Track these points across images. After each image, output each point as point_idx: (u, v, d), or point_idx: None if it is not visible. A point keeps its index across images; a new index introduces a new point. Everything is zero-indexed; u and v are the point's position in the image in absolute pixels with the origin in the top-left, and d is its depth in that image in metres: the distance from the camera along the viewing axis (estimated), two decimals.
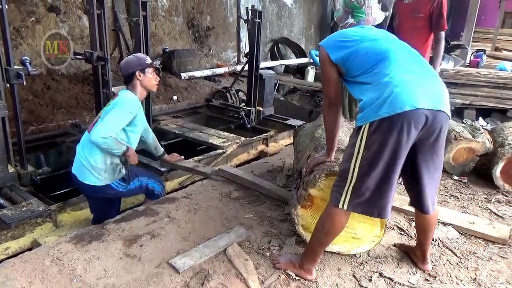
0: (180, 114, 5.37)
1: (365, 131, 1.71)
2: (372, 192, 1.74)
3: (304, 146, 2.85)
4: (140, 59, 2.70)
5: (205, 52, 7.89)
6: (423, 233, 2.07)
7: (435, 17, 3.34)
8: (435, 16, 3.34)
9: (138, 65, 2.65)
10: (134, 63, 2.67)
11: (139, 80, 2.67)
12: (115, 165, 2.61)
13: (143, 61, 2.68)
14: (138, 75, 2.65)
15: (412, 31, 3.42)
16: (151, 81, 2.72)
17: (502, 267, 2.20)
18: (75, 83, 5.23)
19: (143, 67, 2.65)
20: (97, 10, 3.09)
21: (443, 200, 3.02)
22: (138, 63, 2.66)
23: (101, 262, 2.05)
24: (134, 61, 2.68)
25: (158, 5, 6.77)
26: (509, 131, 3.78)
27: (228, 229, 2.41)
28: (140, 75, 2.66)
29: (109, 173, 2.58)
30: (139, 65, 2.65)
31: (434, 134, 1.72)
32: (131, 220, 2.48)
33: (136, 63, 2.66)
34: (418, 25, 3.40)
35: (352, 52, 1.84)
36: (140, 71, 2.65)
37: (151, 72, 2.70)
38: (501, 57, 8.63)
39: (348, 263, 2.15)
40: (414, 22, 3.41)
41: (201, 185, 3.09)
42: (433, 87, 1.73)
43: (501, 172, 3.23)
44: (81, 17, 5.53)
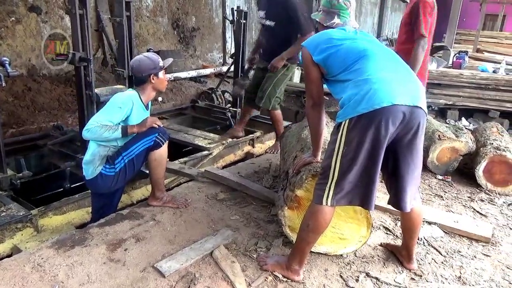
0: (165, 116, 5.31)
1: (345, 128, 1.74)
2: (354, 186, 1.78)
3: (291, 147, 2.85)
4: (154, 61, 2.54)
5: (191, 53, 7.85)
6: (408, 232, 2.09)
7: (413, 22, 3.14)
8: (413, 21, 3.14)
9: (153, 69, 2.53)
10: (148, 66, 2.52)
11: (152, 83, 2.56)
12: (104, 156, 2.54)
13: (157, 63, 2.54)
14: (152, 79, 2.54)
15: (400, 37, 3.39)
16: (163, 83, 2.63)
17: (486, 265, 2.23)
18: (57, 84, 5.13)
19: (157, 70, 2.54)
20: (79, 10, 3.02)
21: (428, 200, 3.05)
22: (152, 66, 2.53)
23: (84, 268, 2.00)
24: (149, 64, 2.53)
25: (142, 5, 6.70)
26: (491, 131, 3.85)
27: (214, 231, 2.38)
28: (153, 78, 2.54)
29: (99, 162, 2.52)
30: (153, 69, 2.53)
31: (412, 130, 1.76)
32: (115, 224, 2.43)
33: (150, 66, 2.52)
34: (404, 30, 3.30)
35: (333, 52, 1.89)
36: (154, 75, 2.54)
37: (163, 72, 2.60)
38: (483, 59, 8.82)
39: (335, 263, 2.15)
40: (402, 27, 3.34)
41: (187, 187, 3.06)
42: (410, 84, 1.79)
43: (484, 171, 3.28)
44: (63, 17, 5.43)
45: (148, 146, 2.53)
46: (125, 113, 2.47)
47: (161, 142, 2.55)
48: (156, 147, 2.55)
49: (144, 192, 3.35)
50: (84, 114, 3.25)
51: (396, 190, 1.93)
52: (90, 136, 2.41)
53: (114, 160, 2.52)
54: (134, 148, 2.52)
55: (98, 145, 2.50)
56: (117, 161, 2.52)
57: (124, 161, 2.53)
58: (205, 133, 4.51)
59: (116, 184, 2.59)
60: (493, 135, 3.74)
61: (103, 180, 2.54)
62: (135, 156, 2.54)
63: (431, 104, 5.95)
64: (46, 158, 3.95)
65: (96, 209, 2.76)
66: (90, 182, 2.59)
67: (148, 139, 2.53)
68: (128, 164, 2.54)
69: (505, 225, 2.72)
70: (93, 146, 2.51)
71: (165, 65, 2.59)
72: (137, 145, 2.53)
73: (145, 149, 2.54)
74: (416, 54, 3.09)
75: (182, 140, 4.31)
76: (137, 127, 2.50)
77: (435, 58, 6.83)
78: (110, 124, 2.41)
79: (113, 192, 2.72)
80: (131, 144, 2.53)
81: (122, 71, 3.36)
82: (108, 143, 2.50)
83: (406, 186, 1.89)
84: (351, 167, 1.74)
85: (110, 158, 2.53)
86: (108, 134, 2.39)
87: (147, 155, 2.57)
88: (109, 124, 2.40)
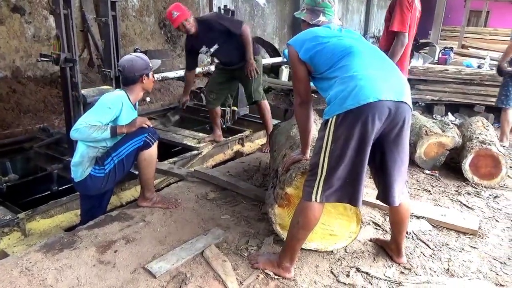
0: (153, 116, 5.27)
1: (332, 124, 1.76)
2: (342, 182, 1.79)
3: (280, 145, 2.85)
4: (146, 62, 2.55)
5: (178, 53, 7.80)
6: (397, 226, 2.12)
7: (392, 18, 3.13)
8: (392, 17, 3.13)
9: (145, 69, 2.53)
10: (141, 66, 2.52)
11: (143, 84, 2.56)
12: (93, 157, 2.51)
13: (148, 64, 2.56)
14: (143, 79, 2.54)
15: (383, 34, 3.41)
16: (151, 83, 2.63)
17: (473, 257, 2.27)
18: (43, 86, 5.06)
19: (149, 71, 2.55)
20: (63, 10, 2.98)
21: (416, 194, 3.09)
22: (145, 67, 2.53)
23: (73, 271, 1.98)
24: (142, 64, 2.53)
25: (128, 5, 6.64)
26: (477, 126, 3.91)
27: (205, 230, 2.38)
28: (145, 78, 2.54)
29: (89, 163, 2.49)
30: (145, 69, 2.53)
31: (398, 125, 1.78)
32: (104, 226, 2.41)
33: (143, 66, 2.53)
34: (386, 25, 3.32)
35: (319, 50, 1.90)
36: (146, 75, 2.54)
37: (152, 73, 2.61)
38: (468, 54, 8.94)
39: (325, 259, 2.17)
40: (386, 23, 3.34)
41: (177, 187, 3.04)
42: (395, 80, 1.81)
43: (470, 165, 3.33)
44: (47, 18, 5.35)
45: (137, 146, 2.51)
46: (114, 113, 2.44)
47: (151, 142, 2.53)
48: (146, 147, 2.53)
49: (133, 193, 3.33)
50: (71, 115, 3.21)
51: (384, 185, 1.95)
52: (79, 136, 2.38)
53: (103, 161, 2.49)
54: (123, 149, 2.50)
55: (87, 146, 2.47)
56: (107, 162, 2.49)
57: (113, 161, 2.50)
58: (194, 132, 4.50)
59: (106, 185, 2.57)
60: (479, 129, 3.80)
61: (92, 181, 2.51)
62: (125, 156, 2.51)
63: (417, 100, 6.02)
64: (32, 160, 3.89)
65: (85, 211, 2.73)
66: (79, 184, 2.55)
67: (138, 139, 2.50)
68: (118, 164, 2.52)
69: (491, 217, 2.77)
70: (82, 147, 2.48)
71: (154, 66, 2.59)
72: (127, 146, 2.50)
73: (135, 150, 2.51)
74: (394, 49, 3.12)
75: (171, 140, 4.29)
76: (126, 128, 2.48)
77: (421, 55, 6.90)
78: (99, 124, 2.39)
79: (102, 194, 2.69)
80: (121, 144, 2.50)
81: (109, 71, 3.33)
82: (97, 144, 2.47)
83: (393, 181, 1.91)
84: (339, 163, 1.75)
85: (99, 159, 2.50)
86: (97, 134, 2.37)
87: (137, 155, 2.55)
88: (98, 125, 2.38)
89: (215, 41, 3.66)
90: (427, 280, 2.04)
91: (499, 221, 2.71)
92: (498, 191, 3.23)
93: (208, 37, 3.63)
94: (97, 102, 2.48)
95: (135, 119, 2.55)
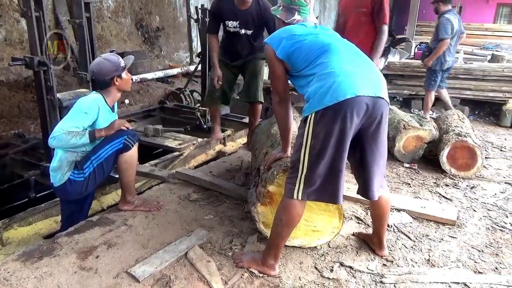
0: (133, 118, 5.20)
1: (311, 121, 1.77)
2: (323, 180, 1.81)
3: (261, 143, 2.85)
4: (115, 63, 2.45)
5: (156, 53, 7.72)
6: (378, 220, 2.15)
7: (376, 11, 3.32)
8: (376, 10, 3.31)
9: (115, 71, 2.44)
10: (109, 69, 2.43)
11: (117, 85, 2.49)
12: (72, 162, 2.46)
13: (118, 65, 2.45)
14: (115, 81, 2.45)
15: (356, 28, 3.46)
16: (128, 82, 2.55)
17: (453, 247, 2.33)
18: (16, 90, 4.93)
19: (119, 72, 2.45)
20: (35, 12, 2.91)
21: (396, 188, 3.14)
22: (114, 69, 2.43)
23: (54, 279, 1.93)
24: (110, 67, 2.43)
25: (103, 6, 6.52)
26: (453, 118, 4.01)
27: (188, 232, 2.36)
28: (117, 80, 2.46)
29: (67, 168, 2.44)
30: (115, 71, 2.44)
31: (376, 120, 1.81)
32: (85, 231, 2.36)
33: (112, 68, 2.43)
34: (362, 21, 3.41)
35: (296, 48, 1.91)
36: (117, 77, 2.45)
37: (126, 72, 2.51)
38: None
39: (309, 255, 2.18)
40: (358, 17, 3.43)
41: (159, 189, 3.01)
42: (372, 76, 1.84)
43: (447, 157, 3.41)
44: (19, 20, 5.21)
45: (117, 149, 2.47)
46: (91, 118, 2.39)
47: (130, 144, 2.49)
48: (126, 150, 2.49)
49: (114, 197, 3.28)
50: (47, 120, 3.14)
51: (364, 180, 1.98)
52: (57, 144, 2.33)
53: (82, 165, 2.44)
54: (102, 152, 2.45)
55: (65, 151, 2.42)
56: (86, 166, 2.45)
57: (93, 165, 2.46)
58: (175, 134, 4.45)
59: (86, 189, 2.52)
60: (455, 122, 3.90)
61: (72, 186, 2.46)
62: (104, 160, 2.47)
63: (395, 95, 6.12)
64: (8, 167, 3.79)
65: (66, 217, 2.67)
66: (58, 189, 2.50)
67: (117, 142, 2.46)
68: (98, 168, 2.47)
69: (469, 207, 2.84)
70: (60, 152, 2.43)
71: (126, 64, 2.52)
72: (106, 149, 2.45)
73: (114, 152, 2.47)
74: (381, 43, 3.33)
75: (152, 142, 4.24)
76: (104, 131, 2.44)
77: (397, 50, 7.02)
78: (77, 130, 2.34)
79: (83, 199, 2.64)
80: (100, 147, 2.46)
81: (85, 74, 3.27)
82: (76, 149, 2.42)
83: (373, 175, 1.94)
84: (319, 159, 1.77)
85: (79, 163, 2.45)
86: (75, 140, 2.32)
87: (116, 158, 2.51)
88: (75, 130, 2.33)
89: (250, 26, 3.51)
90: (409, 271, 2.08)
91: (476, 211, 2.79)
92: (475, 181, 3.32)
93: (249, 20, 3.48)
94: (73, 107, 2.43)
95: (113, 121, 2.51)
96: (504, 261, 2.21)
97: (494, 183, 3.31)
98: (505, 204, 2.92)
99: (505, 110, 5.38)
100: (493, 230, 2.54)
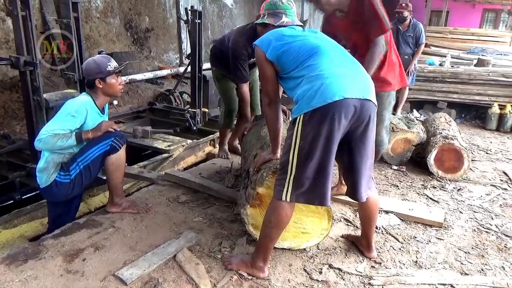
0: (122, 119, 5.15)
1: (300, 122, 1.78)
2: (312, 182, 1.81)
3: (251, 145, 2.85)
4: (100, 65, 2.41)
5: (146, 55, 7.67)
6: (366, 221, 2.17)
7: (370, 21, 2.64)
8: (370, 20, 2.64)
9: (98, 73, 2.41)
10: (92, 70, 2.41)
11: (100, 88, 2.45)
12: (58, 163, 2.42)
13: (103, 68, 2.41)
14: (98, 83, 2.42)
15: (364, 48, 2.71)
16: (114, 88, 2.49)
17: (440, 248, 2.35)
18: (2, 90, 4.84)
19: (103, 75, 2.41)
20: (21, 11, 2.86)
21: (384, 190, 3.17)
22: (97, 71, 2.40)
23: (39, 282, 1.90)
24: (93, 69, 2.41)
25: (91, 6, 6.46)
26: (440, 121, 4.07)
27: (177, 234, 2.34)
28: (100, 83, 2.42)
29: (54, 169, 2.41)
30: (98, 73, 2.41)
31: (364, 122, 1.83)
32: (72, 234, 2.32)
33: (95, 70, 2.41)
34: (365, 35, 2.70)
35: (285, 49, 1.92)
36: (100, 79, 2.42)
37: (114, 77, 2.47)
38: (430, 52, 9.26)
39: (298, 258, 2.18)
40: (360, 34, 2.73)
41: (147, 191, 2.98)
42: (360, 79, 1.86)
43: (435, 160, 3.46)
44: (5, 20, 5.12)
45: (104, 151, 2.44)
46: (79, 121, 2.36)
47: (117, 146, 2.46)
48: (113, 152, 2.46)
49: (102, 199, 3.24)
50: (33, 121, 3.08)
51: (352, 182, 2.00)
52: (43, 146, 2.30)
53: (69, 167, 2.41)
54: (89, 154, 2.42)
55: (52, 152, 2.38)
56: (72, 168, 2.42)
57: (79, 167, 2.42)
58: (164, 135, 4.42)
59: (72, 191, 2.48)
60: (442, 125, 3.96)
61: (58, 188, 2.42)
62: (91, 162, 2.44)
63: None
64: None
65: (52, 219, 2.63)
66: (44, 191, 2.46)
67: (104, 144, 2.43)
68: (84, 170, 2.44)
69: (456, 209, 2.88)
70: (47, 153, 2.39)
71: (115, 70, 2.46)
72: (93, 150, 2.42)
73: (101, 154, 2.44)
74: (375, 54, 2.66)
75: (140, 144, 4.21)
76: (91, 133, 2.41)
77: None
78: (64, 132, 2.31)
79: (70, 200, 2.60)
80: (87, 149, 2.42)
81: (72, 74, 3.23)
82: (63, 150, 2.39)
83: (361, 177, 1.96)
84: (307, 160, 1.78)
85: (65, 165, 2.41)
86: (62, 142, 2.29)
87: (103, 160, 2.48)
88: (62, 132, 2.30)
89: None
90: (397, 272, 2.09)
91: (462, 213, 2.83)
92: (462, 183, 3.36)
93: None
94: (61, 109, 2.38)
95: (100, 123, 2.47)
96: (489, 262, 2.24)
97: (480, 185, 3.36)
98: (490, 206, 2.96)
99: (490, 114, 5.49)
100: (479, 232, 2.57)
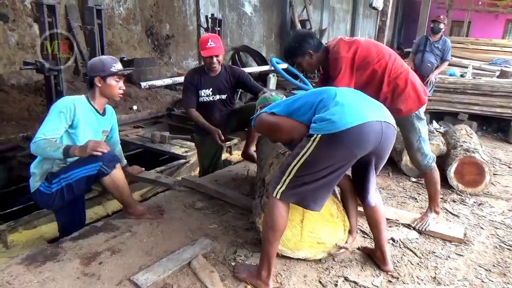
0: (141, 124, 5.24)
1: (316, 141, 1.79)
2: (308, 188, 1.83)
3: (266, 154, 2.85)
4: (105, 64, 2.38)
5: (165, 61, 7.79)
6: (376, 227, 2.17)
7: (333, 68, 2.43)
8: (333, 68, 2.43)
9: (101, 71, 2.37)
10: (97, 67, 2.38)
11: (98, 87, 2.40)
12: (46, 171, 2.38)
13: (107, 67, 2.37)
14: (97, 82, 2.38)
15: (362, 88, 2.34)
16: (113, 90, 2.44)
17: (459, 265, 2.29)
18: (26, 94, 4.99)
19: (105, 74, 2.37)
20: (48, 18, 2.96)
21: (402, 202, 3.11)
22: (101, 69, 2.37)
23: (57, 284, 1.93)
24: (97, 66, 2.38)
25: (114, 13, 6.61)
26: (461, 134, 3.98)
27: (192, 241, 2.35)
28: (100, 81, 2.38)
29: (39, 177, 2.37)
30: (101, 71, 2.37)
31: (385, 144, 1.87)
32: (89, 237, 2.36)
33: (99, 68, 2.37)
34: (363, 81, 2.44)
35: (295, 100, 2.00)
36: (101, 78, 2.37)
37: (115, 79, 2.42)
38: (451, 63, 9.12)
39: (314, 269, 2.16)
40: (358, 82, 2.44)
41: (164, 196, 3.01)
42: (375, 106, 1.92)
43: (455, 173, 3.38)
44: (31, 25, 5.28)
45: (89, 175, 2.33)
46: (69, 117, 2.30)
47: (105, 171, 2.34)
48: (101, 176, 2.36)
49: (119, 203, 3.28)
50: None
51: (362, 189, 2.07)
52: (37, 150, 2.25)
53: (51, 180, 2.33)
54: (73, 173, 2.32)
55: (42, 158, 2.34)
56: (54, 182, 2.33)
57: (61, 184, 2.33)
58: (181, 141, 4.47)
59: (53, 203, 2.40)
60: (463, 137, 3.87)
61: (41, 196, 2.38)
62: (74, 182, 2.33)
63: None
64: (15, 170, 3.81)
65: (61, 225, 2.59)
66: (33, 195, 2.42)
67: (90, 167, 2.31)
68: (66, 188, 2.35)
69: (476, 224, 2.81)
70: (39, 157, 2.36)
71: (118, 72, 2.42)
72: (78, 171, 2.32)
73: (87, 177, 2.33)
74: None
75: (158, 149, 4.26)
76: (78, 151, 2.27)
77: None
78: (56, 136, 2.28)
79: (70, 209, 2.54)
80: (71, 168, 2.33)
81: None
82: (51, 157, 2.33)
83: (370, 185, 2.05)
84: (307, 174, 1.80)
85: (50, 176, 2.35)
86: (50, 151, 2.23)
87: (90, 181, 2.40)
88: (55, 137, 2.27)
89: (225, 91, 3.33)
90: None
91: (483, 228, 2.75)
92: (483, 198, 3.28)
93: (222, 84, 3.29)
94: (50, 108, 2.35)
95: (87, 142, 2.30)
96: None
97: (502, 200, 3.26)
98: None
99: None
100: (501, 249, 2.50)
